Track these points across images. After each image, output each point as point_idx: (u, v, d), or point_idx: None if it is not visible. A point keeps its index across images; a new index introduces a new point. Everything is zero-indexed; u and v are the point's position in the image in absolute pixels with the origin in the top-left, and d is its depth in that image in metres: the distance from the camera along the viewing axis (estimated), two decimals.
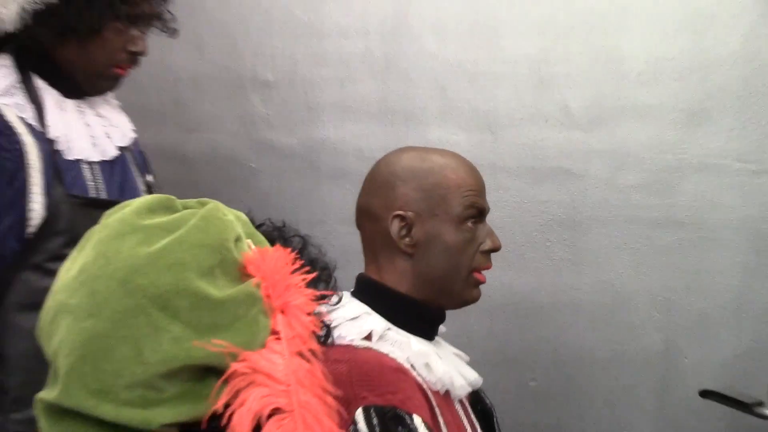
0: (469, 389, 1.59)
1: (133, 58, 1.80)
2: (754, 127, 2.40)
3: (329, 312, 1.22)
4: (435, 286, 1.55)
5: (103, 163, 1.81)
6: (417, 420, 1.38)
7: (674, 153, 2.46)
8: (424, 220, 1.53)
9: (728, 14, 2.38)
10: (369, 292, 1.57)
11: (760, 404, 2.00)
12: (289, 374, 1.05)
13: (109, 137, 1.86)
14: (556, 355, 2.57)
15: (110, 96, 1.91)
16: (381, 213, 1.55)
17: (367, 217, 1.59)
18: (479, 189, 1.57)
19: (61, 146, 1.72)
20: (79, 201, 1.70)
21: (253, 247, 1.09)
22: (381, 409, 1.37)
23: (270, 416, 1.00)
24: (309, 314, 1.11)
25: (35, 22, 1.67)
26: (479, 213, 1.56)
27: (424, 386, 1.46)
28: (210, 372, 0.98)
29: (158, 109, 2.81)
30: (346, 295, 1.57)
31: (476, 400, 1.67)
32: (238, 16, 2.78)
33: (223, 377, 0.99)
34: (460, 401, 1.58)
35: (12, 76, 1.72)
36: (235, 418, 0.98)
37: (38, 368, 1.09)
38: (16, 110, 1.68)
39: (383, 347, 1.47)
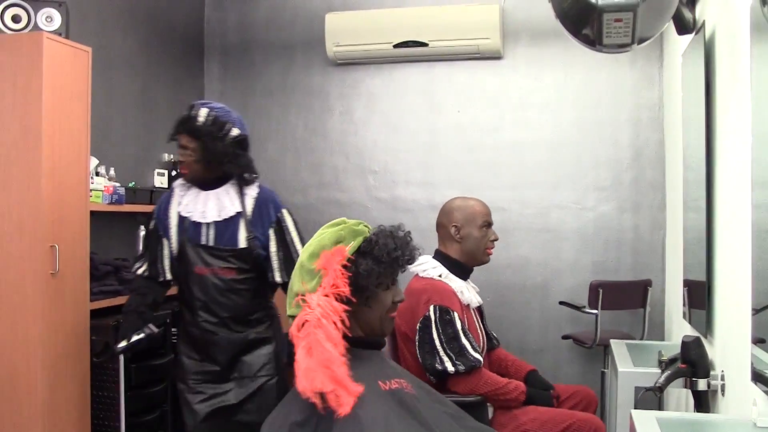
0: (477, 304, 3.42)
1: (181, 163, 3.34)
2: None
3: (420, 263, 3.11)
4: (469, 255, 3.35)
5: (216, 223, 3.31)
6: (455, 314, 3.12)
7: None
8: (464, 227, 3.37)
9: None
10: (440, 257, 3.35)
11: (584, 307, 4.44)
12: (316, 303, 2.16)
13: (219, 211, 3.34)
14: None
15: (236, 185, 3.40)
16: (447, 224, 3.38)
17: (441, 226, 3.40)
18: (488, 213, 3.40)
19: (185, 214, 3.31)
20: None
21: (339, 245, 2.26)
22: (441, 306, 3.13)
23: (303, 324, 2.14)
24: (342, 279, 2.17)
25: None
26: (488, 224, 3.40)
27: (461, 300, 3.26)
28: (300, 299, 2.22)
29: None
30: (429, 257, 3.35)
31: (480, 311, 3.52)
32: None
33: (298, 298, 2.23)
34: (473, 309, 3.39)
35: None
36: (292, 324, 2.18)
37: None
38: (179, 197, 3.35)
39: (445, 281, 3.25)
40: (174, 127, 3.33)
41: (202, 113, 3.28)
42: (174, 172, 5.12)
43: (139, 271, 3.41)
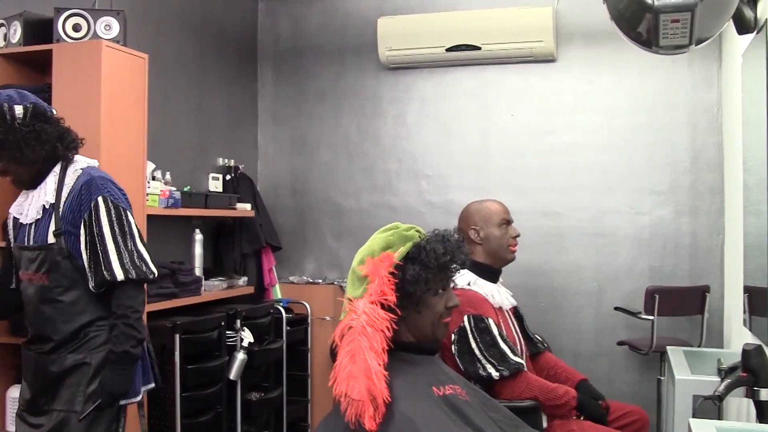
0: (510, 306, 3.46)
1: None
2: None
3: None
4: (494, 255, 3.40)
5: (37, 221, 2.85)
6: (490, 321, 3.13)
7: None
8: (483, 228, 3.42)
9: None
10: (469, 264, 3.22)
11: (640, 313, 4.39)
12: (361, 311, 2.16)
13: (37, 206, 2.86)
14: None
15: (50, 181, 2.86)
16: (466, 228, 3.42)
17: (461, 232, 3.31)
18: (506, 211, 3.45)
19: (14, 215, 2.93)
20: (18, 247, 2.90)
21: (387, 252, 2.26)
22: (475, 315, 3.14)
23: (348, 329, 2.14)
24: (388, 286, 2.17)
25: None
26: (507, 222, 3.46)
27: (493, 304, 3.31)
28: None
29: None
30: None
31: (516, 313, 3.57)
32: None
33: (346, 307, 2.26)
34: (507, 311, 3.46)
35: None
36: (336, 329, 2.18)
37: None
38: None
39: (474, 288, 3.28)
40: None
41: None
42: (228, 176, 5.17)
43: None
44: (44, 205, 2.81)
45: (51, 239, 2.77)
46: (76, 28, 3.60)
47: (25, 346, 2.88)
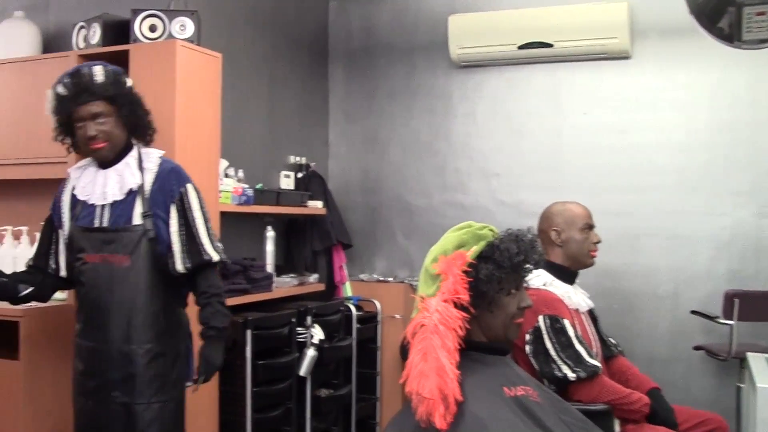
0: (587, 308, 3.41)
1: (93, 139, 2.85)
2: None
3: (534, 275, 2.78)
4: (573, 259, 3.36)
5: (114, 203, 2.92)
6: (566, 321, 3.10)
7: None
8: (565, 231, 3.39)
9: None
10: (544, 264, 3.22)
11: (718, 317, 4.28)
12: (434, 309, 2.15)
13: (119, 189, 2.93)
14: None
15: (128, 162, 2.96)
16: (547, 228, 3.40)
17: (542, 231, 3.38)
18: (589, 216, 3.40)
19: (83, 198, 2.95)
20: (80, 228, 2.94)
21: (460, 250, 2.23)
22: (551, 316, 3.11)
23: (420, 327, 2.13)
24: (462, 285, 2.14)
25: (56, 135, 2.98)
26: (589, 227, 3.42)
27: (569, 306, 3.27)
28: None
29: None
30: None
31: (592, 315, 3.49)
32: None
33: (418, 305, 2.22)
34: (583, 314, 3.37)
35: (87, 162, 3.02)
36: (408, 326, 2.18)
37: None
38: (73, 181, 3.00)
39: (550, 288, 3.24)
40: (71, 98, 2.88)
41: (98, 71, 2.90)
42: (300, 174, 5.19)
43: (30, 262, 3.09)
44: (132, 188, 2.91)
45: (137, 221, 2.86)
46: (152, 28, 3.66)
47: (85, 337, 2.94)
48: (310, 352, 4.20)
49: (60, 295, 3.64)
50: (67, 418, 3.30)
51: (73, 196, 2.99)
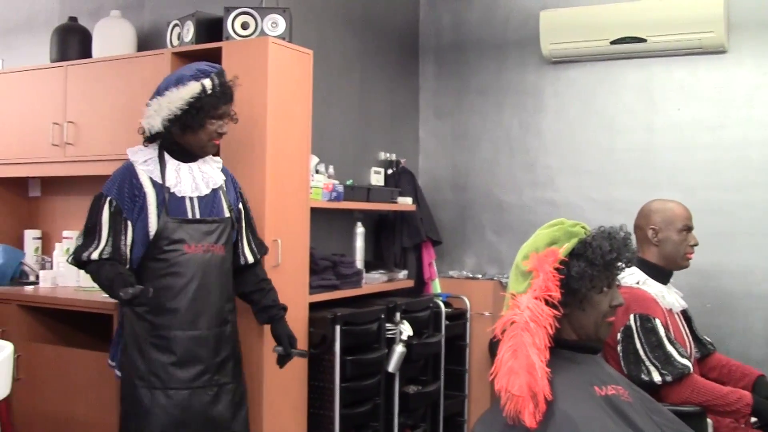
0: (680, 308, 3.36)
1: (221, 135, 3.15)
2: None
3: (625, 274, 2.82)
4: (668, 259, 3.31)
5: (201, 197, 3.13)
6: (657, 321, 3.06)
7: None
8: (662, 230, 3.34)
9: None
10: (638, 262, 3.25)
11: None
12: (525, 306, 2.14)
13: (206, 183, 3.17)
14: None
15: (214, 158, 3.27)
16: (644, 226, 3.36)
17: (639, 228, 3.35)
18: (689, 217, 3.35)
19: (173, 190, 3.08)
20: (178, 220, 3.06)
21: (552, 247, 2.23)
22: (642, 315, 3.07)
23: (510, 324, 2.14)
24: (553, 282, 2.13)
25: (169, 125, 3.05)
26: (688, 228, 3.36)
27: (662, 306, 3.21)
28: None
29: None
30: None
31: (685, 315, 3.45)
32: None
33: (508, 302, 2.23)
34: (677, 314, 3.33)
35: (153, 153, 3.14)
36: (496, 323, 2.20)
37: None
38: (148, 172, 3.10)
39: (644, 287, 3.20)
40: (220, 100, 3.12)
41: (226, 75, 3.18)
42: (390, 170, 5.22)
43: (94, 255, 3.03)
44: (217, 184, 3.19)
45: (226, 213, 3.16)
46: (245, 26, 3.72)
47: (182, 327, 3.04)
48: (399, 349, 4.21)
49: None
50: None
51: (157, 186, 3.08)
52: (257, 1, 3.99)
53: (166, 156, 3.13)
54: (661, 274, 3.28)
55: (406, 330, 4.30)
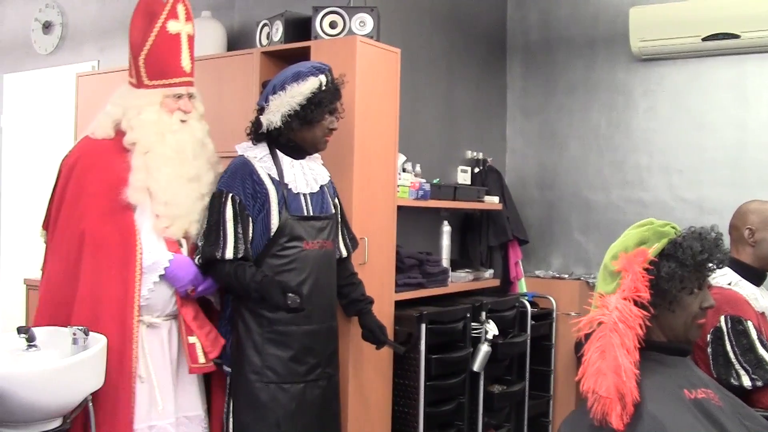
0: None
1: (332, 131, 3.22)
2: None
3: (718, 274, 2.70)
4: (764, 260, 3.20)
5: (313, 194, 3.21)
6: (749, 323, 3.00)
7: None
8: (759, 231, 3.22)
9: None
10: (731, 262, 3.15)
11: None
12: (613, 306, 2.13)
13: (315, 179, 3.25)
14: None
15: (317, 155, 3.34)
16: (740, 226, 3.27)
17: (734, 228, 3.28)
18: None
19: (290, 187, 3.14)
20: (297, 217, 3.12)
21: (641, 248, 2.22)
22: (733, 316, 3.01)
23: (598, 325, 2.14)
24: (643, 283, 2.13)
25: (288, 120, 3.11)
26: None
27: (755, 308, 3.12)
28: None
29: None
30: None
31: None
32: None
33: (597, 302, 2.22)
34: None
35: (265, 151, 3.18)
36: (582, 321, 2.19)
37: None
38: (266, 169, 3.15)
39: (736, 288, 3.12)
40: (334, 95, 3.21)
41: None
42: (477, 169, 5.21)
43: (228, 254, 3.02)
44: (325, 181, 3.29)
45: (332, 210, 3.26)
46: (333, 25, 3.76)
47: (300, 322, 3.10)
48: (484, 348, 4.20)
49: None
50: None
51: (275, 183, 3.13)
52: (345, 0, 4.03)
53: (279, 153, 3.19)
54: (756, 276, 3.21)
55: (492, 329, 4.29)
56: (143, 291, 2.95)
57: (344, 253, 3.38)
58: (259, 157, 3.16)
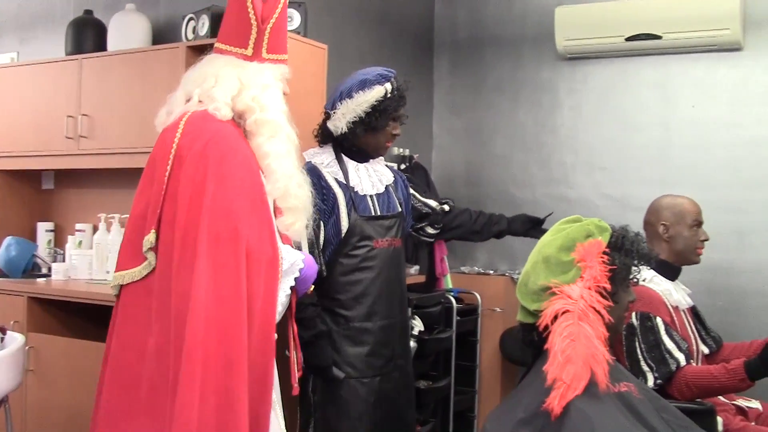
0: (687, 306, 3.31)
1: (395, 137, 3.32)
2: None
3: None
4: (679, 255, 3.26)
5: (379, 195, 3.30)
6: (658, 320, 3.00)
7: None
8: (673, 226, 3.27)
9: None
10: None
11: None
12: (578, 295, 2.16)
13: (380, 180, 3.34)
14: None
15: (381, 158, 3.43)
16: (655, 222, 3.30)
17: (649, 224, 3.32)
18: (699, 212, 3.30)
19: (356, 189, 3.23)
20: (365, 217, 3.21)
21: (592, 239, 2.25)
22: (643, 313, 3.00)
23: (563, 314, 2.14)
24: (603, 273, 2.18)
25: (353, 126, 3.19)
26: (699, 223, 3.30)
27: (668, 303, 3.16)
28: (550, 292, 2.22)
29: None
30: None
31: (694, 313, 3.40)
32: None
33: (553, 293, 2.20)
34: (684, 311, 3.29)
35: (331, 156, 3.28)
36: (546, 312, 2.19)
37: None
38: (332, 173, 3.23)
39: (650, 285, 3.13)
40: (399, 102, 3.27)
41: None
42: (403, 165, 5.21)
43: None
44: (388, 182, 3.36)
45: (399, 208, 3.33)
46: None
47: (374, 318, 3.20)
48: (411, 344, 4.20)
49: None
50: None
51: (342, 186, 3.21)
52: None
53: (344, 157, 3.28)
54: (670, 271, 3.27)
55: (418, 325, 4.29)
56: (281, 298, 2.45)
57: (446, 208, 3.58)
58: (326, 162, 3.25)
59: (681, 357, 2.94)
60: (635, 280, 2.38)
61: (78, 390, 3.71)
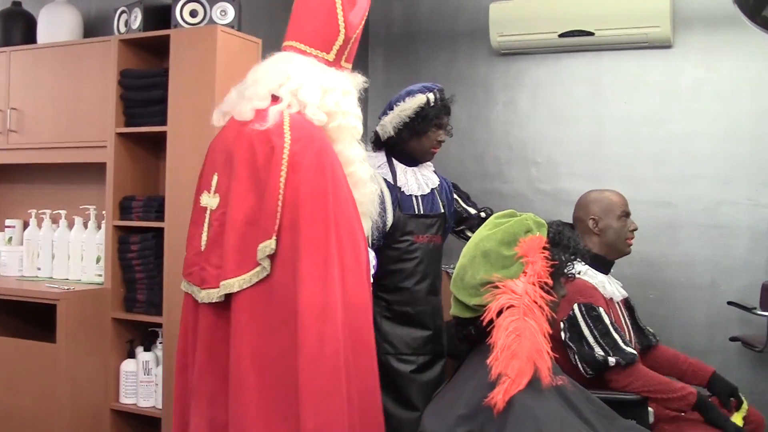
0: (621, 298, 3.35)
1: (440, 143, 3.61)
2: None
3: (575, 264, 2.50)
4: (610, 247, 3.32)
5: (423, 196, 3.59)
6: (601, 310, 3.05)
7: None
8: (602, 219, 3.34)
9: None
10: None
11: (755, 308, 4.23)
12: (522, 291, 2.20)
13: (426, 183, 3.63)
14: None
15: (429, 163, 3.72)
16: (584, 217, 3.37)
17: (578, 220, 3.39)
18: (625, 203, 3.36)
19: (403, 189, 3.54)
20: (408, 215, 3.50)
21: (532, 234, 2.31)
22: (586, 304, 3.05)
23: (507, 309, 2.18)
24: (545, 268, 2.23)
25: (399, 131, 3.51)
26: (627, 214, 3.36)
27: (604, 295, 3.20)
28: (492, 286, 2.25)
29: None
30: None
31: (627, 305, 3.45)
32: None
33: (495, 287, 2.23)
34: (617, 303, 3.34)
35: (383, 159, 3.59)
36: (490, 306, 2.21)
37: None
38: (382, 174, 3.51)
39: (584, 277, 3.14)
40: (441, 111, 3.57)
41: (445, 93, 3.64)
42: None
43: None
44: (433, 185, 3.65)
45: (442, 209, 3.61)
46: (193, 14, 3.69)
47: (410, 304, 3.49)
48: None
49: (98, 278, 3.71)
50: (104, 401, 3.34)
51: (390, 186, 3.51)
52: None
53: (394, 161, 3.59)
54: (603, 264, 3.33)
55: None
56: None
57: (472, 211, 3.82)
58: (377, 165, 3.56)
59: (633, 350, 3.00)
60: (571, 274, 2.42)
61: (11, 390, 3.64)
